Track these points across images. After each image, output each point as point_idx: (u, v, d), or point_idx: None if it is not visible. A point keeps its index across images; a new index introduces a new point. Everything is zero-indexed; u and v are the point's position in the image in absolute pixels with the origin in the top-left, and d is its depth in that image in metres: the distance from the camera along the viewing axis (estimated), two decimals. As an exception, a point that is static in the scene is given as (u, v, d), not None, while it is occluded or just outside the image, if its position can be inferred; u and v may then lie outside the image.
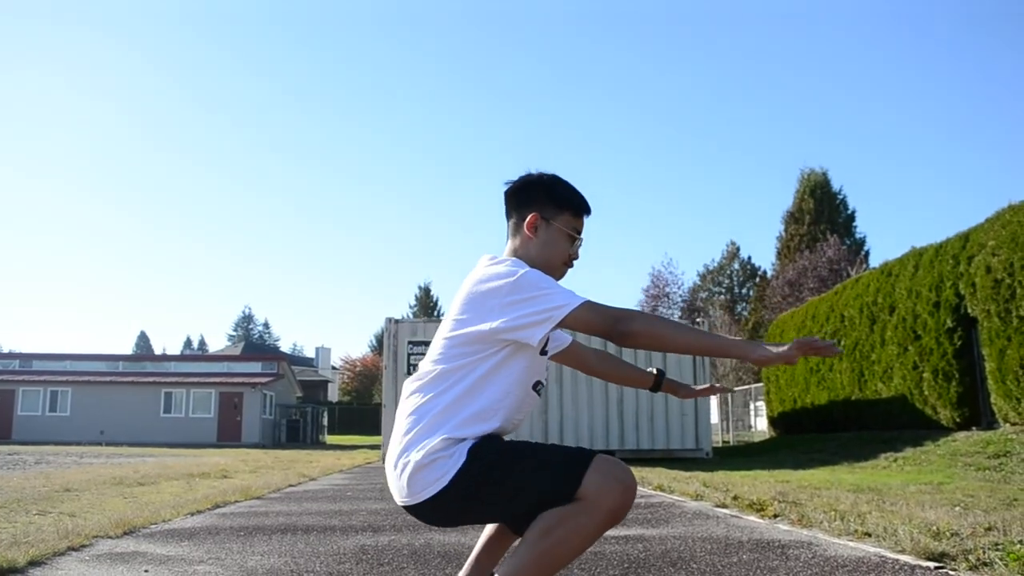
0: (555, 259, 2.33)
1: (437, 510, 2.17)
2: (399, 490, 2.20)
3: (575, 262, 2.39)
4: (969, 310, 12.43)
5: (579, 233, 2.36)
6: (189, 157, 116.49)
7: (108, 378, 39.07)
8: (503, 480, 2.11)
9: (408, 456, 2.16)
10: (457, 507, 2.15)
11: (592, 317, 2.07)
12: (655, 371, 2.66)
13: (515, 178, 2.41)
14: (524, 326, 2.10)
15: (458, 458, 2.11)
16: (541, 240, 2.32)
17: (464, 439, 2.14)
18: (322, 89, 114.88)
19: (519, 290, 2.11)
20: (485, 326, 2.14)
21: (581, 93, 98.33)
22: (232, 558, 3.82)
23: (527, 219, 2.32)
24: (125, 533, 4.61)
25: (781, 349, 1.95)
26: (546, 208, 2.32)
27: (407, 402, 2.27)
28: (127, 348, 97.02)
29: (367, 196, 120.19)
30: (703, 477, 9.33)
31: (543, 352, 2.31)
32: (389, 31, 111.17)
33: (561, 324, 2.11)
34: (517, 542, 2.16)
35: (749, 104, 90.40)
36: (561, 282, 2.32)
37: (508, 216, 2.40)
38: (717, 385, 2.68)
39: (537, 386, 2.31)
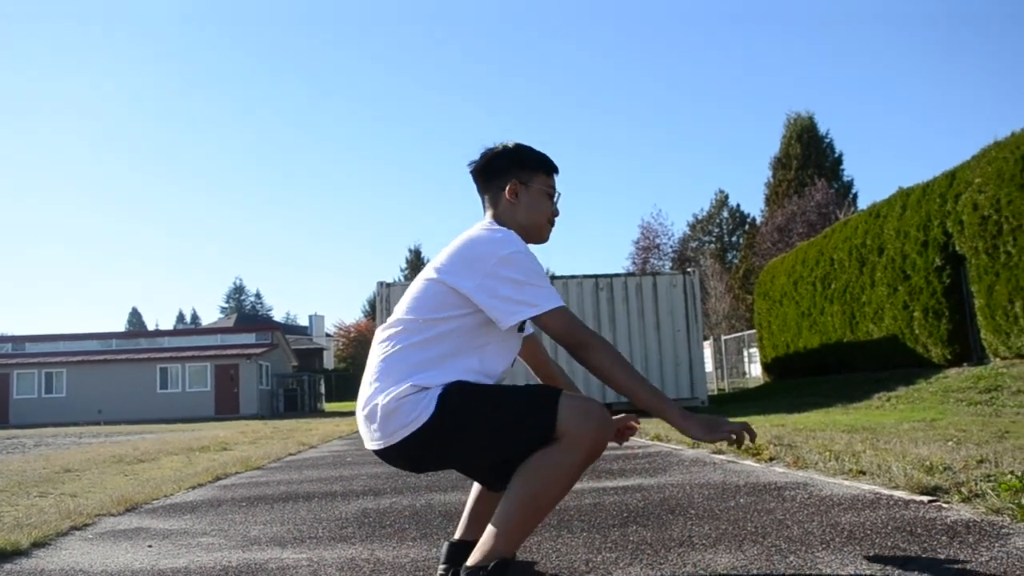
0: (540, 219, 2.40)
1: (407, 454, 2.21)
2: (369, 434, 2.24)
3: (556, 219, 2.46)
4: (957, 248, 12.48)
5: (555, 191, 2.44)
6: (175, 130, 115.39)
7: (102, 357, 39.06)
8: (475, 424, 2.14)
9: (377, 400, 2.19)
10: (428, 451, 2.18)
11: (561, 326, 2.15)
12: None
13: (476, 157, 2.46)
14: (498, 308, 2.15)
15: (429, 403, 2.13)
16: (524, 204, 2.38)
17: (433, 387, 2.16)
18: (308, 58, 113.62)
19: (508, 266, 2.15)
20: (464, 286, 2.18)
21: (565, 45, 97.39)
22: (235, 528, 3.84)
23: (506, 187, 2.38)
24: (127, 510, 4.63)
25: (711, 434, 2.13)
26: (521, 173, 2.40)
27: (379, 348, 2.29)
28: (120, 326, 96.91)
29: (354, 160, 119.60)
30: (699, 425, 9.39)
31: (520, 329, 2.37)
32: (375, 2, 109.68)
33: (534, 320, 2.16)
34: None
35: (733, 50, 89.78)
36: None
37: (482, 192, 2.46)
38: (631, 416, 2.65)
39: (521, 326, 2.37)
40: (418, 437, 2.14)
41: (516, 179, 2.38)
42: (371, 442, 2.25)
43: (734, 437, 2.12)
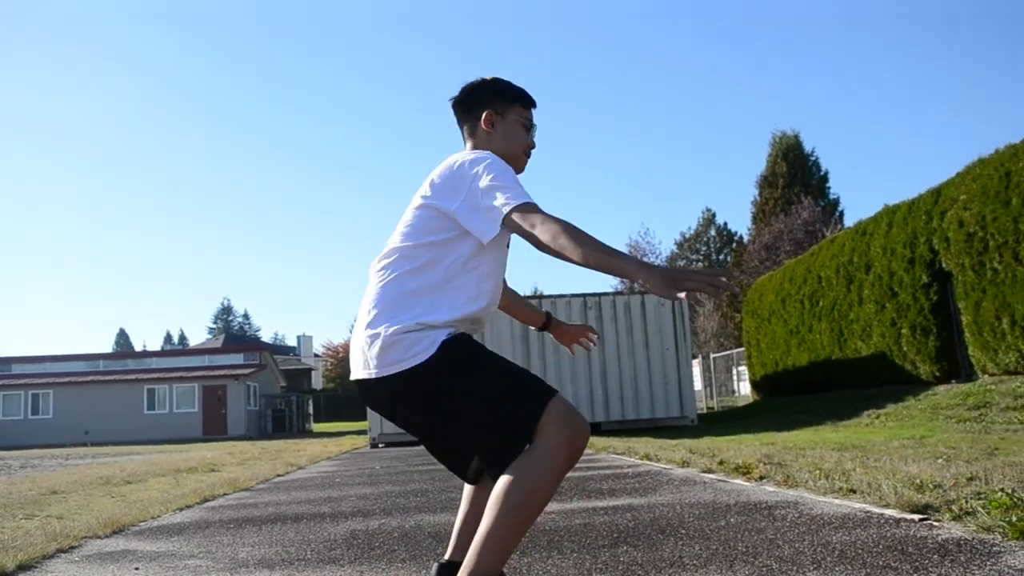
0: (516, 149, 2.43)
1: (390, 392, 2.20)
2: (362, 362, 2.23)
3: (532, 151, 2.49)
4: (944, 265, 12.55)
5: (532, 123, 2.48)
6: (161, 152, 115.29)
7: (89, 378, 38.76)
8: (466, 381, 2.14)
9: (376, 329, 2.20)
10: (409, 396, 2.19)
11: (522, 222, 2.07)
12: (545, 312, 2.90)
13: (459, 90, 2.50)
14: (480, 220, 2.15)
15: (430, 344, 2.14)
16: (500, 133, 2.42)
17: (438, 327, 2.18)
18: (293, 78, 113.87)
19: (483, 178, 2.15)
20: (450, 206, 2.21)
21: (553, 64, 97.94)
22: (223, 551, 3.81)
23: (482, 117, 2.42)
24: (114, 532, 4.58)
25: (671, 289, 1.86)
26: (497, 104, 2.44)
27: (376, 277, 2.30)
28: (107, 347, 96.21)
29: (343, 179, 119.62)
30: (689, 444, 9.41)
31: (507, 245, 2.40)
32: (358, 18, 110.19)
33: (505, 222, 2.11)
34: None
35: (718, 69, 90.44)
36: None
37: (461, 124, 2.50)
38: (587, 325, 2.89)
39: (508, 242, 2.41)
40: (408, 376, 2.14)
41: (492, 109, 2.42)
42: (361, 370, 2.24)
43: (699, 296, 1.93)
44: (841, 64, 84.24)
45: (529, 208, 2.07)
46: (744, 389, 25.23)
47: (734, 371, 27.38)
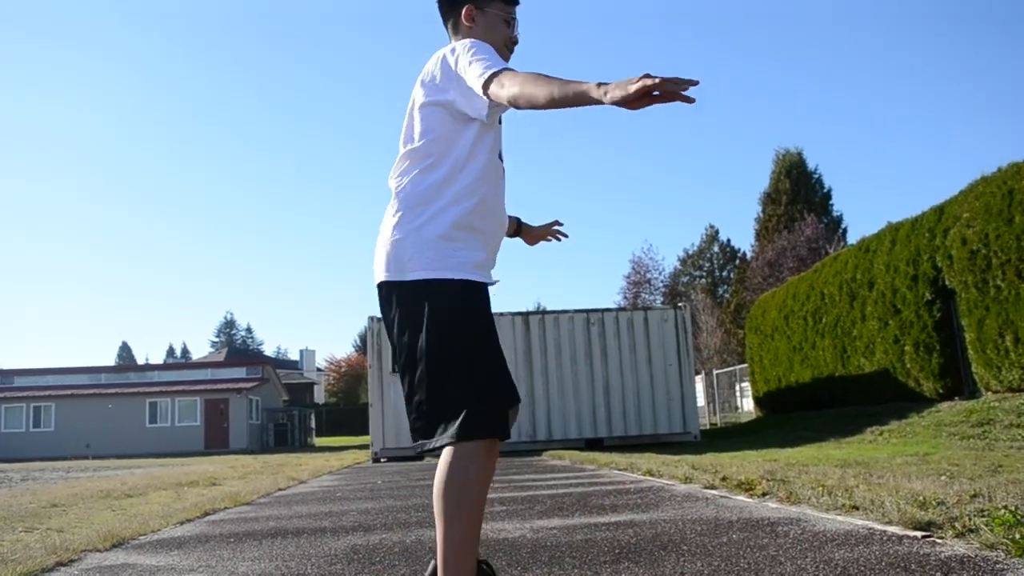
0: (496, 42, 2.43)
1: (410, 302, 2.24)
2: (383, 264, 2.30)
3: (515, 46, 2.51)
4: (947, 282, 12.54)
5: (513, 18, 2.50)
6: (166, 164, 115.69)
7: (91, 391, 38.78)
8: (440, 329, 2.19)
9: (399, 233, 2.27)
10: (399, 304, 2.25)
11: (497, 87, 2.09)
12: (515, 219, 2.88)
13: None
14: (470, 99, 2.19)
15: (449, 271, 2.21)
16: (481, 27, 2.45)
17: (467, 240, 2.25)
18: (298, 90, 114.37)
19: (464, 58, 2.20)
20: (447, 97, 2.26)
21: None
22: (223, 565, 3.80)
23: (464, 11, 2.45)
24: (114, 546, 4.57)
25: (629, 90, 1.81)
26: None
27: (392, 188, 2.36)
28: (109, 359, 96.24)
29: (347, 194, 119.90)
30: (692, 460, 9.37)
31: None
32: (363, 25, 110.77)
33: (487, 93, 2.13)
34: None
35: (722, 86, 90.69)
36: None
37: (445, 21, 2.53)
38: (557, 226, 2.94)
39: (500, 154, 2.44)
40: (421, 286, 2.22)
41: (473, 4, 2.44)
42: (383, 273, 2.31)
43: (650, 90, 1.81)
44: (844, 82, 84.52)
45: (502, 73, 2.09)
46: (747, 405, 25.18)
47: (737, 387, 27.33)
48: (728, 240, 51.97)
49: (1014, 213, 10.88)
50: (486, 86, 2.10)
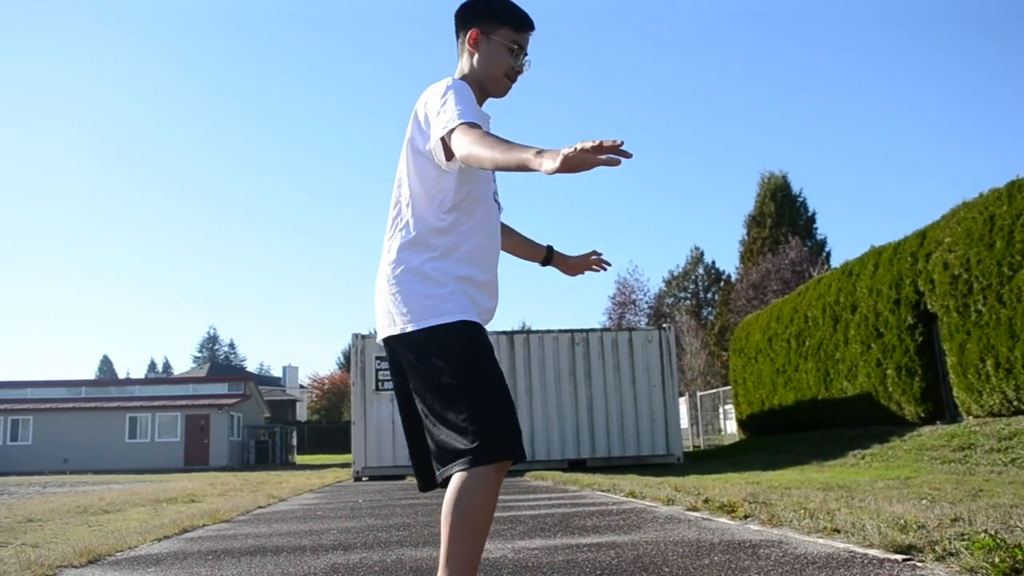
0: (496, 71, 2.39)
1: (414, 351, 2.24)
2: (387, 320, 2.28)
3: (519, 76, 2.44)
4: (929, 306, 12.63)
5: (520, 47, 2.41)
6: (148, 175, 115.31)
7: (70, 404, 38.37)
8: (449, 387, 2.18)
9: (396, 285, 2.26)
10: (420, 357, 2.23)
11: (452, 143, 2.08)
12: (546, 246, 2.81)
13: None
14: (432, 150, 2.19)
15: (447, 316, 2.20)
16: (483, 54, 2.39)
17: (456, 286, 2.24)
18: (280, 102, 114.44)
19: (436, 102, 2.18)
20: (425, 145, 2.24)
21: (542, 100, 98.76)
22: (200, 582, 3.75)
23: (469, 35, 2.40)
24: (90, 562, 4.51)
25: (556, 160, 1.83)
26: (486, 23, 2.39)
27: (387, 237, 2.35)
28: (89, 373, 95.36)
29: (331, 210, 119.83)
30: (674, 482, 9.36)
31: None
32: (356, 39, 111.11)
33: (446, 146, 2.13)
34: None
35: (708, 109, 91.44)
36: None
37: (456, 37, 2.48)
38: (597, 257, 2.84)
39: (495, 195, 2.43)
40: (407, 339, 2.23)
41: (479, 28, 2.39)
42: (387, 328, 2.30)
43: (580, 160, 1.83)
44: (830, 106, 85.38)
45: (460, 127, 2.07)
46: (730, 427, 25.20)
47: (720, 409, 27.36)
48: (713, 262, 52.22)
49: (995, 238, 10.99)
50: (446, 139, 2.11)
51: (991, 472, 9.21)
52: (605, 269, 2.86)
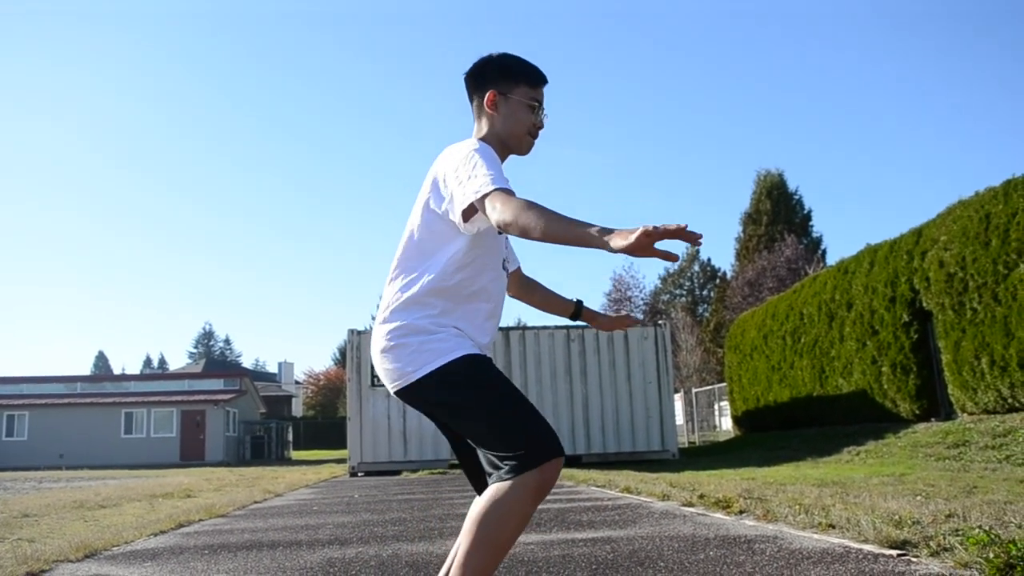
0: (519, 130, 2.38)
1: (427, 394, 2.24)
2: (385, 375, 2.28)
3: (540, 132, 2.43)
4: (924, 304, 12.65)
5: (538, 103, 2.40)
6: (144, 171, 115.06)
7: (66, 400, 38.28)
8: (474, 409, 2.18)
9: (389, 336, 2.25)
10: (435, 397, 2.23)
11: (488, 207, 2.05)
12: (575, 300, 2.78)
13: (472, 63, 2.46)
14: (451, 207, 2.17)
15: (448, 354, 2.19)
16: (503, 115, 2.37)
17: (451, 329, 2.23)
18: (275, 100, 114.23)
19: (464, 167, 2.15)
20: (440, 205, 2.22)
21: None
22: (196, 576, 3.76)
23: (486, 97, 2.37)
24: (86, 556, 4.52)
25: (630, 240, 1.82)
26: (501, 83, 2.37)
27: (388, 289, 2.34)
28: (85, 369, 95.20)
29: (326, 207, 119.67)
30: (670, 478, 9.39)
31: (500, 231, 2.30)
32: (355, 40, 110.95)
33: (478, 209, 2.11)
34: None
35: (704, 107, 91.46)
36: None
37: (470, 99, 2.45)
38: (631, 315, 2.77)
39: (504, 264, 2.41)
40: (416, 387, 2.22)
41: (496, 89, 2.36)
42: (389, 384, 2.29)
43: (659, 248, 1.86)
44: (826, 104, 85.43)
45: (496, 194, 2.05)
46: (726, 424, 25.24)
47: (716, 406, 27.41)
48: (709, 259, 52.28)
49: (991, 237, 11.02)
50: (478, 205, 2.08)
51: (985, 469, 9.25)
52: (641, 324, 2.85)
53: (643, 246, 1.83)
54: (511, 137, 2.37)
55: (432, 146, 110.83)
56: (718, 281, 49.59)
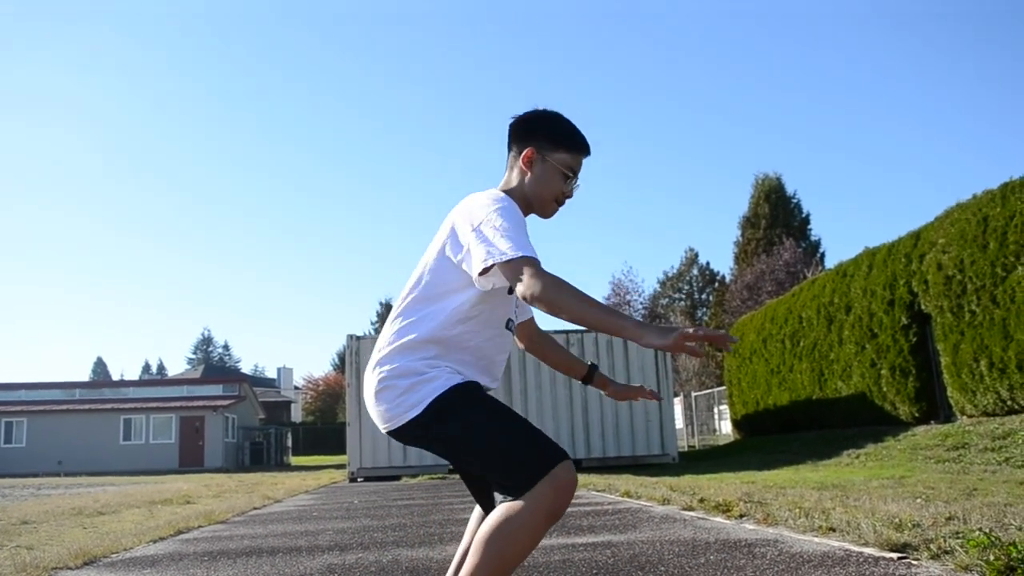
0: (546, 194, 2.33)
1: (410, 432, 2.21)
2: (377, 415, 2.25)
3: (567, 200, 2.39)
4: (923, 307, 12.66)
5: (574, 173, 2.35)
6: (143, 178, 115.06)
7: (65, 406, 38.20)
8: (468, 437, 2.15)
9: (382, 378, 2.22)
10: (429, 433, 2.20)
11: (513, 272, 2.02)
12: (590, 364, 2.71)
13: (522, 112, 2.40)
14: (468, 262, 2.12)
15: (438, 387, 2.16)
16: (535, 175, 2.32)
17: (443, 367, 2.19)
18: (275, 104, 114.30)
19: (491, 223, 2.10)
20: (457, 255, 2.18)
21: (537, 98, 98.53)
22: (196, 583, 3.75)
23: (524, 153, 2.32)
24: (85, 563, 4.51)
25: (667, 339, 1.85)
26: (544, 144, 2.32)
27: (388, 328, 2.30)
28: (84, 375, 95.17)
29: (325, 212, 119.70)
30: (670, 482, 9.38)
31: (510, 291, 2.29)
32: (355, 41, 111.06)
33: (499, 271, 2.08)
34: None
35: (703, 110, 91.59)
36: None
37: (509, 148, 2.40)
38: (648, 389, 2.66)
39: (508, 323, 2.37)
40: (410, 426, 2.18)
41: (536, 148, 2.32)
42: (381, 424, 2.26)
43: (691, 345, 1.87)
44: (824, 108, 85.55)
45: (523, 261, 2.01)
46: (725, 428, 25.22)
47: (715, 410, 27.38)
48: (707, 263, 52.22)
49: (989, 239, 11.02)
50: (501, 269, 2.04)
51: (985, 471, 9.24)
52: (657, 399, 2.75)
53: (679, 347, 1.86)
54: (537, 199, 2.32)
55: (433, 149, 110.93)
56: (717, 285, 49.55)
